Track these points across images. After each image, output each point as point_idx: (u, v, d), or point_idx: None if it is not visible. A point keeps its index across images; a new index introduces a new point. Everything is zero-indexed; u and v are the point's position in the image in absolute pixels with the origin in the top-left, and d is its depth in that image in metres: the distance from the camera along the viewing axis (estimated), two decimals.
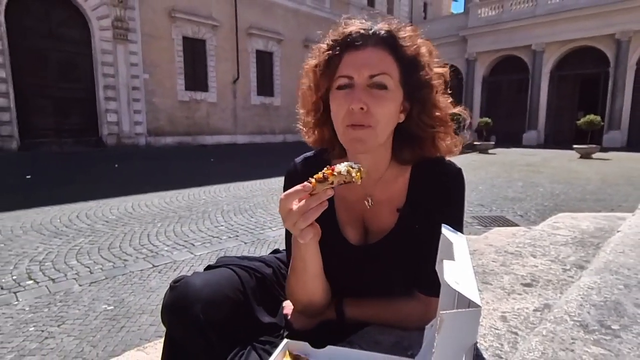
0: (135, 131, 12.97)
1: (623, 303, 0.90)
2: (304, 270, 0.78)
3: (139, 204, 4.63)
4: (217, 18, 14.64)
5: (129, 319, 2.00)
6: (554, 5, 16.85)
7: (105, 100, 12.30)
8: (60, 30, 11.47)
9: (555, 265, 1.34)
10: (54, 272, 2.60)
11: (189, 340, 0.80)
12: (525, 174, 7.51)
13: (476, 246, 2.08)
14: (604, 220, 1.96)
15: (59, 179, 6.54)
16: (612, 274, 1.06)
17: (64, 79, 11.63)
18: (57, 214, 4.12)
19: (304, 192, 0.64)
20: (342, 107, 0.75)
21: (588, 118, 11.43)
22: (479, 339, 0.85)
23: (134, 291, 2.33)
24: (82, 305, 2.15)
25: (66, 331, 1.88)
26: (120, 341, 1.80)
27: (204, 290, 0.78)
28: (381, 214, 0.87)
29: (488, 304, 1.04)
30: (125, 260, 2.84)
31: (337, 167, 0.64)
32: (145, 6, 12.78)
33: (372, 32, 0.76)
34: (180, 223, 3.83)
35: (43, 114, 11.35)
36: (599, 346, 0.73)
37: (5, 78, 10.32)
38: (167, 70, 13.65)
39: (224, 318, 0.79)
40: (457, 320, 0.51)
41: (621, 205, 4.48)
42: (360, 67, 0.74)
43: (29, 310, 2.10)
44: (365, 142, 0.75)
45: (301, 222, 0.65)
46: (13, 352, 1.71)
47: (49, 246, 3.11)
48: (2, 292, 2.30)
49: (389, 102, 0.75)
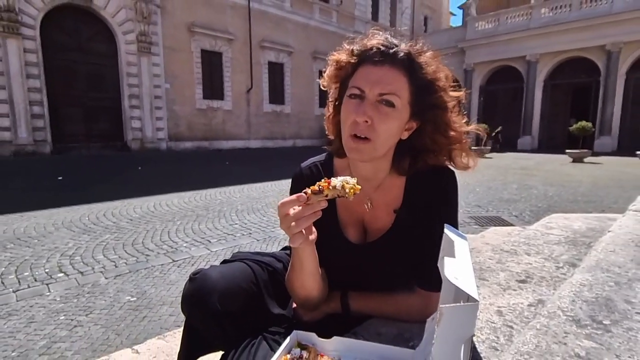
0: (157, 136, 13.09)
1: (614, 299, 0.89)
2: (301, 269, 0.79)
3: (160, 204, 4.67)
4: (232, 32, 14.74)
5: (150, 309, 2.02)
6: (547, 19, 16.70)
7: (130, 108, 12.43)
8: (90, 45, 11.63)
9: (548, 263, 1.32)
10: (82, 266, 2.62)
11: (206, 328, 0.81)
12: (520, 177, 7.43)
13: (473, 244, 2.06)
14: (595, 221, 1.94)
15: (87, 181, 6.63)
16: (603, 271, 1.05)
17: (92, 89, 11.77)
18: (85, 212, 4.17)
19: (299, 201, 0.66)
20: (349, 116, 0.76)
21: (580, 124, 11.28)
22: (476, 331, 0.84)
23: (155, 284, 2.34)
24: (108, 297, 2.17)
25: (93, 320, 1.90)
26: (143, 330, 1.81)
27: (220, 282, 0.79)
28: (379, 215, 0.88)
29: (485, 299, 1.03)
30: (147, 255, 2.86)
31: (333, 181, 0.66)
32: (167, 22, 12.93)
33: (392, 52, 0.75)
34: (198, 221, 3.85)
35: (73, 121, 11.51)
36: (591, 340, 0.72)
37: (40, 88, 10.50)
38: (186, 81, 13.77)
39: (238, 308, 0.80)
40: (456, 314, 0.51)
41: (611, 206, 4.41)
42: (373, 83, 0.74)
43: (60, 300, 2.12)
44: (363, 153, 0.77)
45: (294, 227, 0.66)
46: (45, 338, 1.73)
47: (78, 242, 3.15)
48: (35, 283, 2.32)
49: (392, 120, 0.75)
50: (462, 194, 5.48)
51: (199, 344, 0.87)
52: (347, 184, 0.65)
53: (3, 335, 1.75)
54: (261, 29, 15.68)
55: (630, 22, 14.49)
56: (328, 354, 0.73)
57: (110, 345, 1.67)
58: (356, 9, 19.65)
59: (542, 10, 16.94)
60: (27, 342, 1.70)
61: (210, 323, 0.79)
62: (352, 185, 0.65)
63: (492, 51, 18.52)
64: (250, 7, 15.16)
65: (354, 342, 0.74)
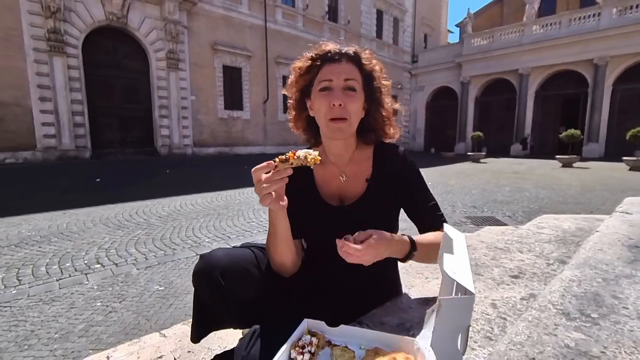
0: (184, 143, 13.21)
1: (601, 294, 0.86)
2: (274, 234, 0.84)
3: (185, 203, 4.71)
4: (250, 49, 14.87)
5: (176, 298, 2.03)
6: (538, 35, 16.46)
7: (160, 118, 12.58)
8: (125, 62, 11.82)
9: (539, 260, 1.30)
10: (117, 258, 2.65)
11: (212, 302, 0.85)
12: (512, 180, 7.31)
13: (469, 242, 2.03)
14: (583, 222, 1.89)
15: (122, 182, 6.72)
16: (591, 268, 1.02)
17: (127, 100, 11.96)
18: (120, 210, 4.22)
19: (269, 168, 0.72)
20: (324, 104, 0.86)
21: (569, 132, 11.07)
22: (472, 322, 0.83)
23: (180, 275, 2.35)
24: (139, 286, 2.18)
25: (126, 307, 1.92)
26: (169, 316, 1.82)
27: (223, 259, 0.83)
28: (353, 185, 0.95)
29: (480, 292, 1.02)
30: (174, 249, 2.88)
31: (298, 152, 0.72)
32: (192, 41, 13.11)
33: (344, 52, 0.89)
34: (219, 219, 3.87)
35: (110, 129, 11.68)
36: (580, 332, 0.70)
37: (81, 100, 10.72)
38: (210, 93, 13.91)
39: (240, 284, 0.83)
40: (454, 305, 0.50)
41: (599, 208, 4.31)
42: (338, 73, 0.86)
43: (97, 288, 2.15)
44: (343, 131, 0.87)
45: (264, 189, 0.72)
46: (83, 322, 1.75)
47: (113, 237, 3.18)
48: (75, 273, 2.36)
49: (357, 101, 0.87)
50: (459, 196, 5.41)
51: (208, 319, 0.90)
52: (309, 155, 0.71)
53: (47, 318, 1.79)
54: (276, 47, 15.78)
55: (616, 38, 14.20)
56: (335, 341, 0.72)
57: (141, 330, 1.69)
58: (362, 27, 19.64)
59: (534, 27, 16.70)
60: (68, 325, 1.73)
61: (214, 296, 0.82)
62: (313, 156, 0.71)
63: (487, 65, 18.32)
64: (267, 27, 15.28)
65: (359, 330, 0.74)
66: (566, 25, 15.62)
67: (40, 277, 2.28)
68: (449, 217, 3.97)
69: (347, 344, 0.71)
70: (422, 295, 1.08)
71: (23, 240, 3.02)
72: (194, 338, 0.92)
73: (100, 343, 1.57)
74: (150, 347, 1.33)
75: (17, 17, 9.45)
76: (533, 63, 16.64)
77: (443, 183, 6.93)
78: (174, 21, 12.19)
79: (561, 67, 16.03)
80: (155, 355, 1.20)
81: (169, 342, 1.34)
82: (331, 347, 0.70)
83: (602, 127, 15.21)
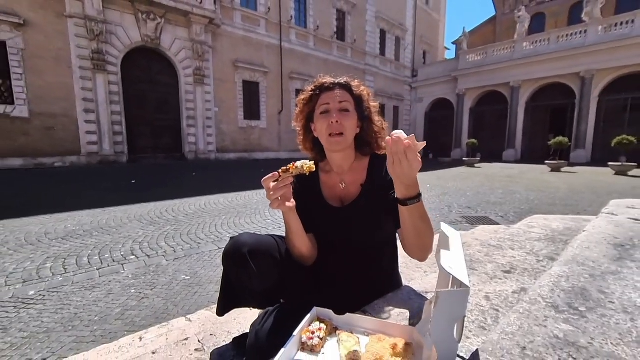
0: (208, 149, 13.35)
1: (588, 289, 0.84)
2: (290, 230, 0.89)
3: (209, 202, 4.75)
4: (267, 66, 14.98)
5: (200, 286, 2.04)
6: (528, 51, 16.16)
7: (187, 127, 12.74)
8: (158, 77, 12.03)
9: (530, 257, 1.27)
10: (149, 250, 2.68)
11: (237, 275, 0.87)
12: (505, 183, 7.17)
13: (465, 240, 2.00)
14: (571, 222, 1.84)
15: (154, 183, 6.81)
16: (579, 265, 0.99)
17: (159, 112, 12.15)
18: (152, 208, 4.27)
19: (274, 177, 0.79)
20: (324, 123, 0.94)
21: (558, 139, 10.80)
22: (467, 313, 0.82)
23: (204, 266, 2.37)
24: (168, 275, 2.20)
25: (156, 294, 1.94)
26: (194, 303, 1.83)
27: (250, 241, 0.88)
28: (351, 190, 1.00)
29: (474, 285, 1.00)
30: (198, 243, 2.89)
31: (296, 164, 0.79)
32: (216, 59, 13.29)
33: (337, 82, 0.97)
34: (239, 217, 3.89)
35: (144, 136, 11.88)
36: (568, 324, 0.68)
37: (120, 112, 10.95)
38: (231, 105, 14.04)
39: (264, 265, 0.86)
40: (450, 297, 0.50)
41: (586, 209, 4.18)
42: (334, 98, 0.94)
43: (131, 277, 2.17)
44: (340, 144, 0.94)
45: (272, 195, 0.79)
46: (120, 307, 1.78)
47: (146, 231, 3.22)
48: (113, 263, 2.40)
49: (351, 119, 0.95)
50: (455, 197, 5.33)
51: (234, 296, 0.93)
52: (305, 165, 0.79)
53: (88, 303, 1.82)
54: (290, 64, 15.88)
55: (601, 53, 13.84)
56: (341, 327, 0.72)
57: (170, 314, 1.70)
58: (367, 45, 19.61)
59: (524, 44, 16.40)
60: (106, 309, 1.76)
61: (241, 274, 0.85)
62: (308, 165, 0.79)
63: (481, 79, 18.06)
64: (282, 47, 15.39)
65: (364, 318, 0.73)
66: (554, 41, 15.30)
67: (83, 266, 2.33)
68: (445, 217, 3.92)
69: (352, 330, 0.71)
70: (421, 288, 1.07)
71: (69, 234, 3.08)
72: (220, 312, 0.96)
73: (134, 325, 1.59)
74: (177, 330, 1.35)
75: (66, 40, 9.75)
76: (523, 76, 16.33)
77: (440, 186, 6.84)
78: (200, 42, 12.39)
79: (550, 80, 15.69)
80: (181, 337, 1.22)
81: (193, 326, 1.36)
82: (338, 332, 0.70)
83: (589, 135, 14.80)
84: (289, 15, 15.53)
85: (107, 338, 1.48)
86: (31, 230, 3.18)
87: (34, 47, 9.22)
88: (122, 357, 1.18)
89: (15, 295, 1.89)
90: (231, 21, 13.56)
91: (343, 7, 17.92)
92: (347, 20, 18.32)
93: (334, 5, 17.46)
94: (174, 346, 1.12)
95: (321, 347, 0.66)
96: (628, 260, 1.02)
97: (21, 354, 1.38)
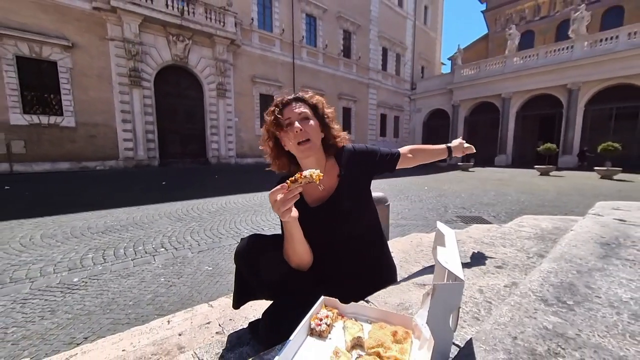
0: (229, 154, 13.50)
1: (576, 284, 0.81)
2: (291, 239, 0.82)
3: (229, 202, 4.79)
4: (281, 81, 15.11)
5: (221, 276, 2.05)
6: (518, 65, 15.84)
7: (211, 135, 12.91)
8: (186, 92, 12.24)
9: (520, 254, 1.23)
10: (177, 244, 2.71)
11: (248, 273, 0.87)
12: (497, 186, 7.02)
13: (459, 237, 1.96)
14: (559, 222, 1.79)
15: (181, 185, 6.91)
16: (567, 262, 0.96)
17: (186, 122, 12.35)
18: (180, 206, 4.33)
19: (283, 189, 0.72)
20: (290, 135, 0.90)
21: (546, 146, 10.55)
22: (462, 304, 0.80)
23: (225, 258, 2.39)
24: (193, 266, 2.22)
25: (183, 282, 1.96)
26: (216, 291, 1.85)
27: (258, 241, 0.87)
28: (330, 187, 0.96)
29: (468, 279, 0.98)
30: (220, 238, 2.92)
31: (304, 173, 0.72)
32: (236, 75, 13.47)
33: (294, 97, 0.95)
34: (255, 215, 3.92)
35: (173, 143, 12.08)
36: (557, 316, 0.66)
37: (152, 122, 11.18)
38: (249, 115, 14.19)
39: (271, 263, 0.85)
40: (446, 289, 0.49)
41: (573, 210, 4.05)
42: (293, 111, 0.92)
43: (161, 267, 2.20)
44: (310, 149, 0.91)
45: (282, 207, 0.72)
46: (151, 293, 1.81)
47: (174, 227, 3.26)
48: (145, 255, 2.44)
49: (313, 125, 0.92)
50: (451, 199, 5.24)
51: (246, 291, 0.93)
52: (313, 173, 0.72)
53: (124, 289, 1.85)
54: (301, 78, 15.97)
55: (587, 66, 13.48)
56: (347, 315, 0.72)
57: (194, 301, 1.72)
58: (370, 62, 19.57)
59: (515, 59, 16.10)
60: (139, 295, 1.79)
61: (251, 272, 0.85)
62: (317, 173, 0.72)
63: (474, 91, 17.80)
64: (294, 63, 15.52)
65: (366, 307, 0.72)
66: (543, 56, 14.96)
67: (119, 257, 2.38)
68: (442, 216, 3.86)
69: (356, 318, 0.70)
70: (420, 281, 1.05)
71: (108, 229, 3.15)
72: (235, 305, 0.96)
73: (163, 310, 1.62)
74: (201, 315, 1.36)
75: (108, 59, 10.05)
76: (514, 88, 16.02)
77: (437, 188, 6.74)
78: (223, 60, 12.58)
79: (539, 91, 15.34)
80: (204, 321, 1.23)
81: (215, 311, 1.37)
82: (343, 320, 0.69)
83: (575, 142, 14.39)
84: (300, 35, 15.65)
85: (140, 321, 1.51)
86: (76, 225, 3.26)
87: (80, 66, 9.54)
88: (152, 338, 1.19)
89: (62, 282, 1.94)
90: (250, 41, 13.75)
91: (349, 27, 17.96)
92: (352, 39, 18.35)
93: (340, 26, 17.52)
94: (197, 329, 1.13)
95: (328, 332, 0.66)
96: (614, 258, 0.99)
97: (66, 333, 1.42)
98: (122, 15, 9.91)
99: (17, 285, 1.87)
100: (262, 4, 14.13)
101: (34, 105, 8.98)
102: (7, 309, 1.60)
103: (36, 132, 8.98)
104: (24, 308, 1.62)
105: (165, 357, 0.96)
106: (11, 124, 8.60)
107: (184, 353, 0.87)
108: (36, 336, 1.38)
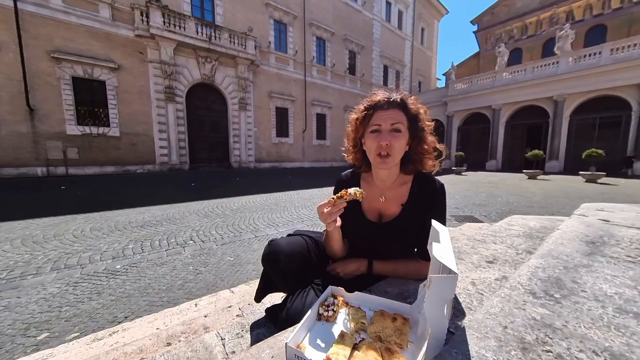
0: (248, 160, 13.65)
1: (563, 279, 0.78)
2: (332, 240, 0.84)
3: (249, 201, 4.83)
4: (294, 96, 15.22)
5: (241, 266, 2.06)
6: (508, 80, 15.44)
7: (233, 142, 13.09)
8: (212, 105, 12.46)
9: (510, 250, 1.19)
10: (203, 237, 2.74)
11: (275, 275, 0.84)
12: (487, 188, 6.84)
13: (453, 235, 1.92)
14: (547, 221, 1.72)
15: (208, 186, 6.98)
16: (553, 258, 0.92)
17: (212, 131, 12.56)
18: (206, 205, 4.38)
19: (329, 204, 0.72)
20: (374, 143, 0.80)
21: (534, 152, 10.22)
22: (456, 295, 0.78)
23: (244, 250, 2.39)
24: (217, 257, 2.24)
25: (208, 270, 1.97)
26: (236, 279, 1.85)
27: (286, 247, 0.83)
28: (391, 206, 0.87)
29: (462, 273, 0.95)
30: (240, 232, 2.93)
31: (349, 190, 0.72)
32: (256, 91, 13.66)
33: (392, 100, 0.80)
34: (271, 212, 3.93)
35: (201, 150, 12.28)
36: (545, 308, 0.63)
37: (184, 131, 11.41)
38: (266, 126, 14.33)
39: (296, 265, 0.82)
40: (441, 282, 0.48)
41: (560, 211, 3.90)
42: (386, 119, 0.79)
43: (190, 257, 2.23)
44: (387, 164, 0.81)
45: (329, 218, 0.72)
46: (181, 280, 1.83)
47: (201, 222, 3.29)
48: (177, 246, 2.47)
49: (401, 140, 0.80)
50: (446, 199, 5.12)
51: (269, 286, 0.90)
52: (357, 192, 0.72)
53: (158, 276, 1.88)
54: (312, 93, 16.05)
55: (571, 80, 13.01)
56: (351, 303, 0.71)
57: (218, 287, 1.73)
58: (373, 78, 19.51)
59: (504, 74, 15.70)
60: (171, 281, 1.81)
61: (278, 273, 0.82)
62: (360, 192, 0.72)
63: (467, 103, 17.44)
64: (306, 80, 15.60)
65: (369, 296, 0.71)
66: (530, 71, 14.53)
67: (155, 248, 2.42)
68: None
69: (360, 305, 0.69)
70: None
71: (145, 223, 3.21)
72: (257, 299, 0.94)
73: (191, 294, 1.63)
74: (223, 299, 1.37)
75: (147, 79, 10.38)
76: (503, 100, 15.61)
77: None
78: (244, 78, 12.77)
79: (526, 102, 14.89)
80: (226, 305, 1.24)
81: (235, 297, 1.38)
82: (348, 307, 0.69)
83: (562, 148, 13.87)
84: (311, 56, 15.76)
85: (172, 303, 1.52)
86: (119, 220, 3.35)
87: (124, 85, 9.88)
88: (182, 319, 1.21)
89: (107, 268, 1.99)
90: (267, 62, 13.93)
91: (354, 48, 17.99)
92: (357, 58, 18.35)
93: (346, 47, 17.57)
94: (220, 312, 1.14)
95: (334, 318, 0.65)
96: (598, 255, 0.94)
97: (110, 312, 1.45)
98: (160, 41, 10.23)
99: (70, 271, 1.94)
100: (278, 29, 14.31)
101: (86, 118, 9.35)
102: (61, 291, 1.66)
103: (87, 140, 9.34)
104: (75, 290, 1.67)
105: (193, 336, 0.97)
106: (67, 134, 8.98)
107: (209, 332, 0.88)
108: (85, 314, 1.42)
